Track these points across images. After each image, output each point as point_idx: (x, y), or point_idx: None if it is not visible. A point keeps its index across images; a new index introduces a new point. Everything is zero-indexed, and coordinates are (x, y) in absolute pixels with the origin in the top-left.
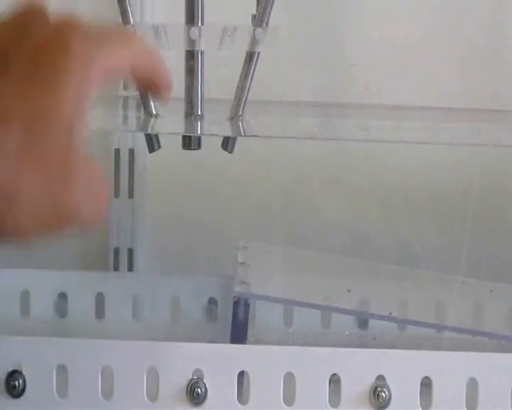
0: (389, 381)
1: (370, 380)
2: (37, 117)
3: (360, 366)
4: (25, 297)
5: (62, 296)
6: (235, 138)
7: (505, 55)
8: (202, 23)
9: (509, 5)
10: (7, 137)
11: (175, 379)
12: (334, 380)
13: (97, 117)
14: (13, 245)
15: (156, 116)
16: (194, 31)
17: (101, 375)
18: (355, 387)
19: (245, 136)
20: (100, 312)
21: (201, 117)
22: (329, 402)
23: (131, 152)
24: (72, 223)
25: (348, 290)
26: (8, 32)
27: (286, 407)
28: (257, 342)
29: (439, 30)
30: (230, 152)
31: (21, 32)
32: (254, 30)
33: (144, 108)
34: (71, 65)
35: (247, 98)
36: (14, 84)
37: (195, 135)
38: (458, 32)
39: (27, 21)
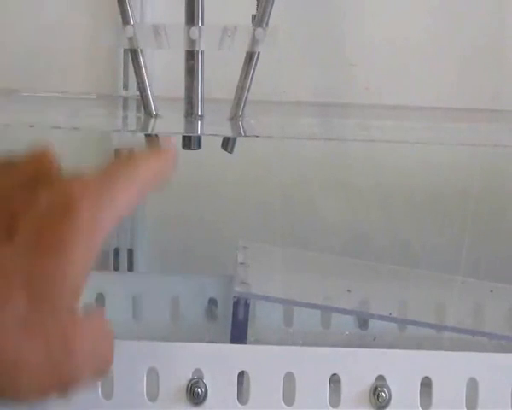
0: (389, 381)
1: (370, 380)
2: (41, 288)
3: (360, 366)
4: None
5: None
6: (235, 138)
7: (505, 55)
8: (202, 23)
9: (509, 5)
10: (11, 305)
11: (175, 379)
12: (334, 380)
13: (97, 117)
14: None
15: (156, 116)
16: (194, 31)
17: None
18: (355, 387)
19: (245, 136)
20: None
21: (201, 117)
22: (329, 402)
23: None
24: (76, 388)
25: (348, 290)
26: (16, 190)
27: (286, 407)
28: (257, 342)
29: (439, 30)
30: (230, 152)
31: (29, 193)
32: (254, 30)
33: (144, 108)
34: (77, 236)
35: (247, 98)
36: (21, 251)
37: (195, 135)
38: (458, 32)
39: (35, 178)
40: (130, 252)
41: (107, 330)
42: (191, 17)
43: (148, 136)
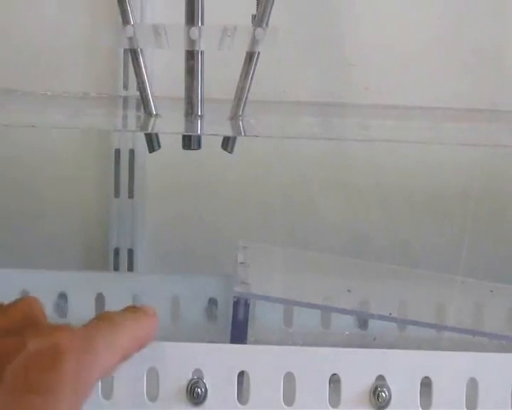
0: (389, 381)
1: (370, 380)
2: None
3: (360, 366)
4: None
5: (62, 296)
6: (235, 138)
7: (505, 55)
8: (202, 23)
9: (510, 5)
10: None
11: (175, 379)
12: (334, 380)
13: (97, 117)
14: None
15: (156, 116)
16: (194, 31)
17: None
18: (355, 387)
19: (245, 136)
20: (100, 312)
21: (201, 117)
22: (329, 402)
23: (131, 152)
24: None
25: (348, 290)
26: (3, 335)
27: (286, 407)
28: (257, 342)
29: (440, 30)
30: (230, 152)
31: (17, 338)
32: (254, 30)
33: (144, 108)
34: (64, 382)
35: (247, 98)
36: (9, 390)
37: (195, 135)
38: (458, 32)
39: (23, 324)
40: (131, 252)
41: None
42: (191, 17)
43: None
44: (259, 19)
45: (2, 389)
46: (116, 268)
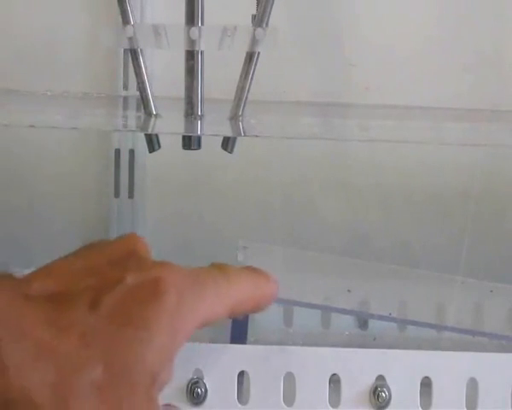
0: (389, 381)
1: (370, 380)
2: (118, 360)
3: (360, 366)
4: None
5: None
6: (235, 138)
7: (506, 55)
8: (202, 23)
9: (511, 5)
10: (88, 370)
11: (175, 379)
12: (334, 380)
13: (97, 117)
14: None
15: (156, 116)
16: (194, 31)
17: None
18: (355, 387)
19: (245, 136)
20: None
21: (201, 117)
22: (329, 402)
23: (131, 152)
24: None
25: (348, 290)
26: (105, 266)
27: (286, 407)
28: (257, 342)
29: (440, 30)
30: (230, 152)
31: (118, 271)
32: (254, 30)
33: (144, 108)
34: (161, 319)
35: (247, 98)
36: (103, 321)
37: (195, 135)
38: (459, 32)
39: (126, 258)
40: None
41: None
42: (191, 17)
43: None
44: (259, 19)
45: (98, 319)
46: None
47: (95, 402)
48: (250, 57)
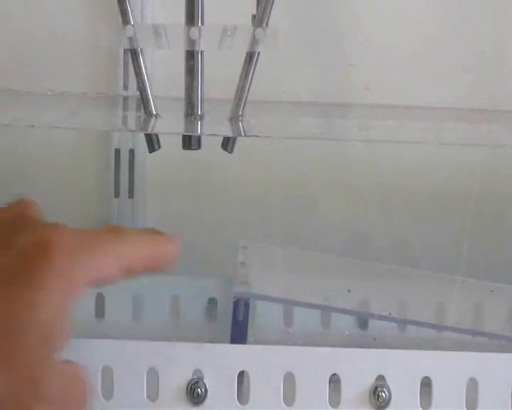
0: (389, 381)
1: (370, 380)
2: (8, 321)
3: (360, 366)
4: None
5: None
6: (235, 138)
7: (505, 55)
8: (202, 23)
9: (511, 4)
10: None
11: (175, 379)
12: (334, 380)
13: (97, 117)
14: None
15: (156, 116)
16: (194, 31)
17: (101, 375)
18: (355, 387)
19: (245, 136)
20: (100, 312)
21: (201, 117)
22: (329, 402)
23: (131, 152)
24: None
25: (348, 290)
26: None
27: (286, 407)
28: (257, 342)
29: (440, 30)
30: (230, 152)
31: (7, 236)
32: (254, 30)
33: (144, 108)
34: (50, 279)
35: (247, 98)
36: None
37: (195, 135)
38: (459, 32)
39: (16, 220)
40: None
41: (81, 378)
42: (191, 17)
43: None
44: (259, 19)
45: None
46: None
47: None
48: (250, 57)
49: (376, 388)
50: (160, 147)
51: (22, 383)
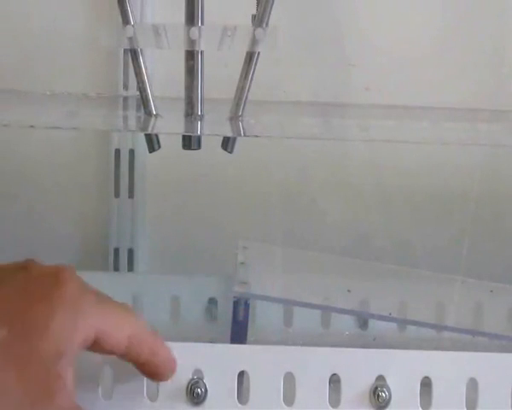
0: (389, 381)
1: (370, 380)
2: (24, 327)
3: (360, 366)
4: None
5: None
6: (235, 138)
7: (505, 55)
8: (202, 23)
9: (510, 4)
10: None
11: (175, 379)
12: (334, 380)
13: (97, 117)
14: None
15: (156, 116)
16: (194, 31)
17: (102, 375)
18: (355, 387)
19: (245, 136)
20: None
21: (201, 117)
22: (329, 402)
23: (131, 152)
24: None
25: (348, 290)
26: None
27: (286, 407)
28: (257, 342)
29: (440, 30)
30: (230, 152)
31: (17, 267)
32: (254, 30)
33: (144, 108)
34: (64, 300)
35: (247, 98)
36: (9, 293)
37: (195, 135)
38: (458, 32)
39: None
40: (131, 252)
41: None
42: (191, 17)
43: None
44: (259, 19)
45: (2, 290)
46: (116, 268)
47: None
48: (250, 57)
49: (376, 388)
50: (159, 147)
51: (33, 387)
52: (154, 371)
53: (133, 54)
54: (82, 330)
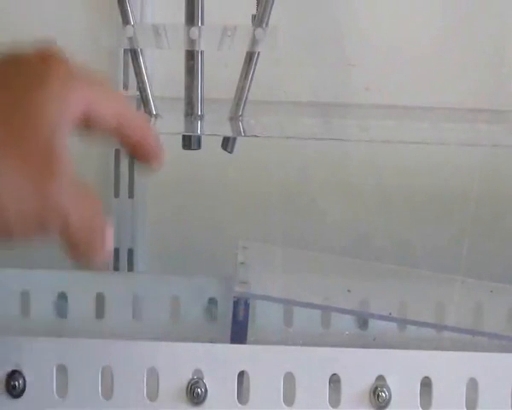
0: (389, 381)
1: (370, 380)
2: (18, 111)
3: (360, 366)
4: (25, 297)
5: (62, 296)
6: (235, 138)
7: (505, 55)
8: (202, 23)
9: (510, 4)
10: None
11: (175, 379)
12: (334, 380)
13: None
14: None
15: (156, 116)
16: (194, 31)
17: (101, 375)
18: (355, 387)
19: (245, 136)
20: (100, 312)
21: (201, 117)
22: (329, 402)
23: None
24: (60, 224)
25: (348, 290)
26: None
27: (286, 407)
28: (257, 342)
29: (440, 30)
30: (230, 152)
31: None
32: (254, 30)
33: (144, 108)
34: (52, 80)
35: (247, 98)
36: None
37: (195, 135)
38: (458, 32)
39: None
40: (131, 252)
41: (91, 193)
42: (191, 17)
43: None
44: (259, 19)
45: None
46: (116, 268)
47: None
48: (250, 57)
49: (376, 388)
50: None
51: (38, 170)
52: (143, 157)
53: (133, 54)
54: (73, 102)
